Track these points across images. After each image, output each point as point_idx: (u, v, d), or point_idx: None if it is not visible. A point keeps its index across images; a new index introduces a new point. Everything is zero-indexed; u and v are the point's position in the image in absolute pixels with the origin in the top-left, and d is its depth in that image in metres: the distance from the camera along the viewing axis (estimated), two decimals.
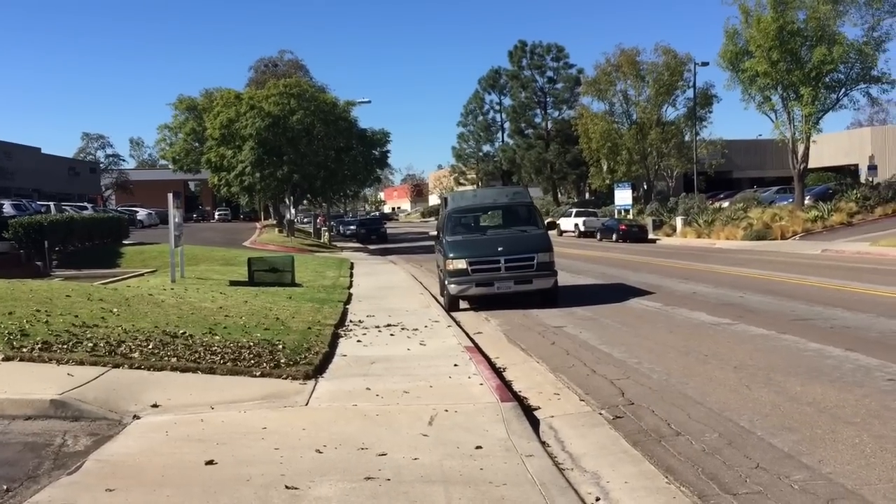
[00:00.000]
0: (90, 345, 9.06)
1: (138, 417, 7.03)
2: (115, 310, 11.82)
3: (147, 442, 6.32)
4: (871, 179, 49.51)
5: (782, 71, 38.10)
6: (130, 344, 9.35)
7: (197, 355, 9.11)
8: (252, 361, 8.97)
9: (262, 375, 8.54)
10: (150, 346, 9.31)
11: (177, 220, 19.73)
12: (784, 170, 49.77)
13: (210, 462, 5.75)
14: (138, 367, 8.49)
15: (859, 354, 9.54)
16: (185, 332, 10.37)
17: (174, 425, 6.76)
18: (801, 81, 38.06)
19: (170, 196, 19.43)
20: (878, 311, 13.21)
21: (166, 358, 8.88)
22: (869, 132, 73.86)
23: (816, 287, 17.41)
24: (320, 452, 6.03)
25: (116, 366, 8.42)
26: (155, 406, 7.33)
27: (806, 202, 41.92)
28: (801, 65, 38.05)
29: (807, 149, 40.65)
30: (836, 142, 67.73)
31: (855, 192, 41.71)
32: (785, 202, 44.75)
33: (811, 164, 44.45)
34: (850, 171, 65.08)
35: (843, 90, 39.78)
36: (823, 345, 10.30)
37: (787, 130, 40.78)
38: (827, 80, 38.75)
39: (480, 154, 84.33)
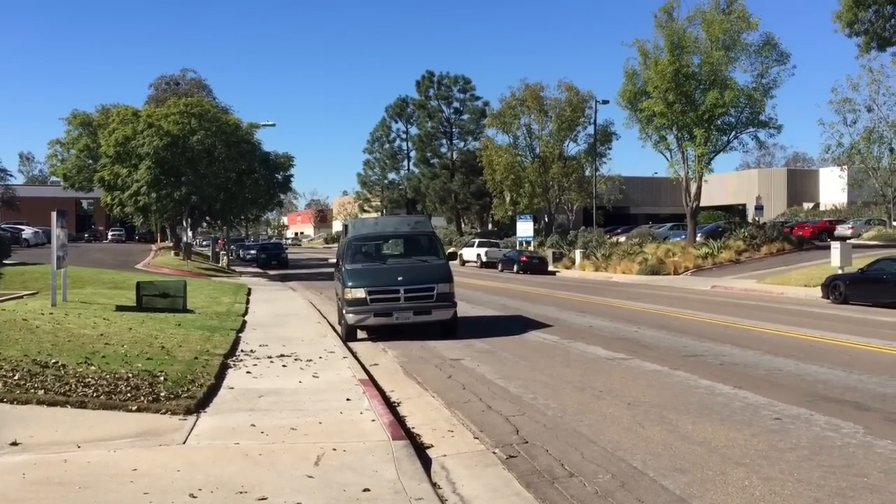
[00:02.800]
0: None
1: None
2: None
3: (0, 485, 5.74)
4: (757, 219, 51.83)
5: (677, 112, 39.47)
6: None
7: (68, 387, 8.47)
8: (129, 394, 8.40)
9: (139, 410, 8.00)
10: (16, 377, 8.62)
11: (61, 239, 18.69)
12: (678, 207, 51.60)
13: None
14: (0, 401, 7.82)
15: (747, 392, 9.72)
16: (57, 362, 9.67)
17: (33, 466, 6.19)
18: (695, 123, 39.51)
19: (53, 214, 18.40)
20: (765, 348, 13.60)
21: (33, 390, 8.22)
22: (756, 174, 77.80)
23: (707, 323, 17.89)
24: (194, 497, 5.61)
25: None
26: (14, 444, 6.74)
27: (698, 239, 43.40)
28: (695, 107, 39.52)
29: (699, 188, 42.15)
30: (726, 182, 70.94)
31: (743, 230, 43.45)
32: (678, 238, 46.25)
33: (703, 203, 46.19)
34: (738, 211, 68.11)
35: (734, 133, 41.48)
36: (714, 382, 10.47)
37: (681, 169, 42.21)
38: (719, 122, 40.33)
39: (386, 181, 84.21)
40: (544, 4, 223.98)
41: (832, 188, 63.63)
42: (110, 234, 77.78)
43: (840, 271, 25.95)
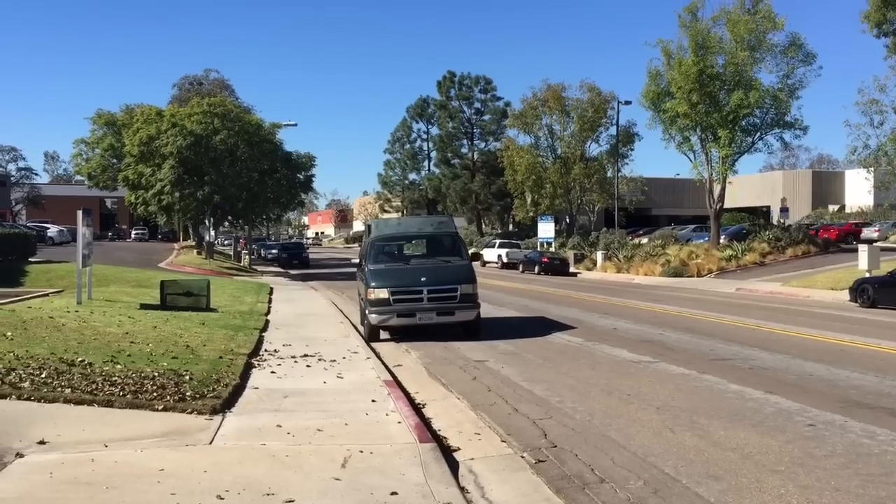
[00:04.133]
0: None
1: (21, 455, 6.39)
2: (9, 333, 11.03)
3: (27, 485, 5.71)
4: (783, 221, 51.32)
5: (701, 113, 39.15)
6: (21, 372, 8.65)
7: (94, 386, 8.47)
8: (155, 394, 8.38)
9: (165, 409, 7.97)
10: (43, 375, 8.63)
11: (87, 238, 18.79)
12: (701, 209, 51.17)
13: None
14: (27, 399, 7.84)
15: (779, 397, 9.54)
16: (83, 360, 9.69)
17: (61, 465, 6.16)
18: (719, 124, 39.16)
19: (79, 213, 18.52)
20: (793, 352, 13.39)
21: (60, 388, 8.23)
22: (781, 175, 77.03)
23: (733, 326, 17.66)
24: (221, 498, 5.55)
25: (2, 396, 7.76)
26: (42, 443, 6.71)
27: (721, 241, 43.01)
28: (719, 108, 39.17)
29: (723, 189, 41.77)
30: (751, 183, 70.31)
31: (767, 232, 43.02)
32: (701, 240, 45.86)
33: (727, 205, 45.71)
34: (762, 213, 67.46)
35: (758, 134, 41.07)
36: (743, 386, 10.30)
37: (704, 171, 41.86)
38: (743, 123, 39.93)
39: (406, 182, 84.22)
40: (567, 5, 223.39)
41: (858, 190, 62.82)
42: (134, 232, 78.46)
43: (868, 274, 25.58)
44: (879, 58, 45.66)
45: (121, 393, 8.30)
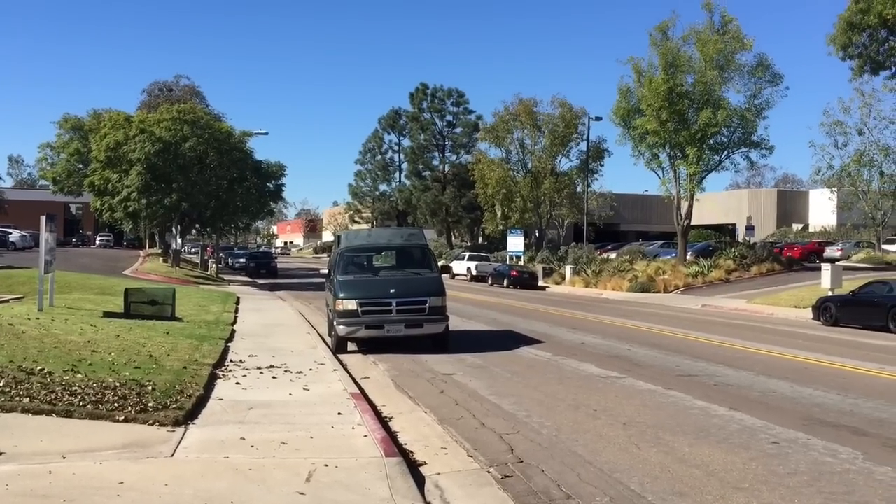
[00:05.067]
0: None
1: None
2: None
3: None
4: (748, 239, 52.00)
5: (670, 130, 39.60)
6: None
7: (54, 396, 8.29)
8: (116, 404, 8.22)
9: (126, 420, 7.82)
10: (1, 384, 8.43)
11: (50, 243, 18.48)
12: (669, 225, 51.66)
13: None
14: None
15: (743, 414, 9.62)
16: (43, 369, 9.48)
17: (17, 477, 6.00)
18: (688, 142, 39.63)
19: (42, 218, 18.21)
20: (758, 369, 13.53)
21: (18, 398, 8.04)
22: (747, 194, 78.13)
23: (699, 342, 17.82)
24: None
25: None
26: None
27: (688, 258, 43.47)
28: (687, 126, 39.66)
29: (690, 206, 42.25)
30: (717, 201, 71.20)
31: (733, 250, 43.57)
32: (668, 256, 46.29)
33: (694, 221, 46.25)
34: (728, 230, 68.39)
35: (726, 152, 41.63)
36: (709, 403, 10.37)
37: (672, 188, 42.35)
38: (711, 141, 40.46)
39: (377, 193, 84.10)
40: (540, 17, 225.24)
41: (822, 210, 63.94)
42: (98, 239, 77.18)
43: (830, 293, 25.97)
44: (845, 80, 46.65)
45: (81, 403, 8.13)
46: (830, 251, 48.14)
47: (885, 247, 48.53)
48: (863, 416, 9.58)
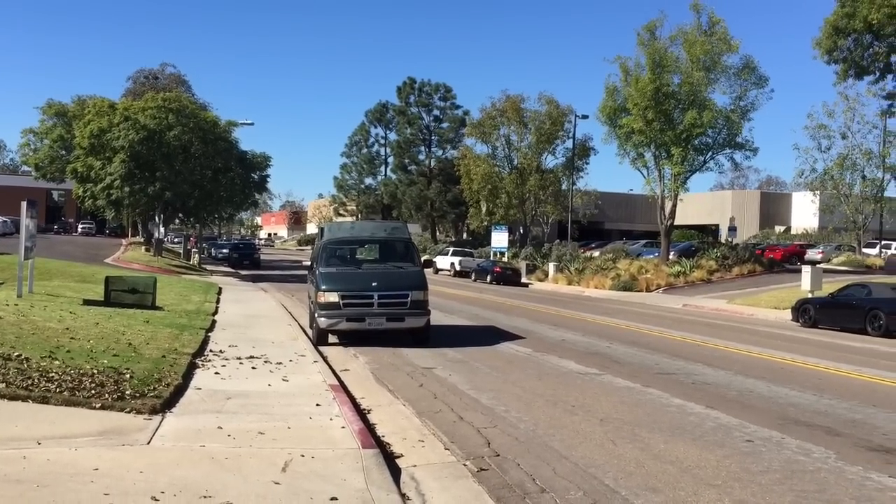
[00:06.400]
0: None
1: None
2: None
3: None
4: (730, 240, 52.34)
5: (656, 130, 39.75)
6: None
7: (30, 382, 8.25)
8: (93, 391, 8.19)
9: (103, 408, 7.79)
10: None
11: (30, 230, 18.34)
12: (652, 224, 51.98)
13: None
14: None
15: (719, 413, 9.70)
16: (20, 355, 9.43)
17: None
18: (673, 142, 39.80)
19: (23, 204, 18.09)
20: (736, 368, 13.64)
21: None
22: (730, 195, 78.64)
23: (679, 341, 17.94)
24: (156, 500, 5.44)
25: None
26: None
27: (671, 257, 43.69)
28: (673, 126, 39.83)
29: (674, 206, 42.46)
30: (701, 202, 71.64)
31: (715, 251, 43.85)
32: (651, 256, 46.51)
33: (677, 221, 46.48)
34: (711, 230, 68.76)
35: (710, 153, 41.84)
36: (685, 401, 10.45)
37: (657, 187, 42.51)
38: (696, 142, 40.66)
39: (362, 186, 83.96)
40: (530, 15, 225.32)
41: (804, 212, 64.43)
42: (80, 226, 76.63)
43: (810, 295, 26.20)
44: (829, 84, 46.93)
45: (57, 389, 8.09)
46: (811, 254, 48.53)
47: (865, 250, 48.99)
48: (837, 417, 9.69)
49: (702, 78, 39.22)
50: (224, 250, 59.29)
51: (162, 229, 50.54)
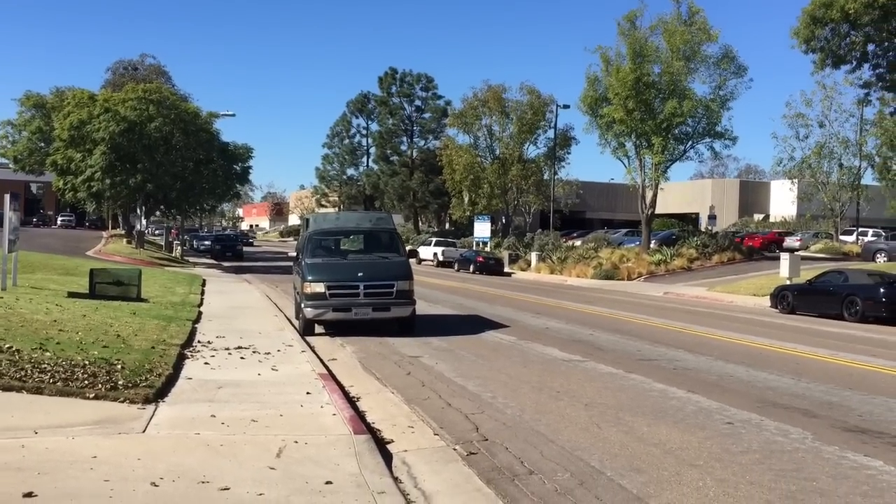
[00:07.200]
0: None
1: None
2: None
3: None
4: (710, 228, 52.83)
5: (636, 120, 40.04)
6: None
7: (23, 373, 8.34)
8: (86, 382, 8.30)
9: (97, 398, 7.91)
10: None
11: (14, 222, 18.28)
12: (633, 213, 52.36)
13: (29, 494, 5.19)
14: None
15: (700, 396, 9.95)
16: (11, 347, 9.51)
17: None
18: (653, 131, 40.12)
19: (6, 197, 18.01)
20: (716, 354, 13.92)
21: None
22: (710, 184, 79.25)
23: (660, 328, 18.22)
24: (156, 485, 5.58)
25: None
26: None
27: (651, 246, 44.08)
28: (653, 115, 40.14)
29: (654, 195, 42.81)
30: (681, 191, 72.17)
31: (696, 239, 44.28)
32: (632, 244, 46.91)
33: (658, 210, 46.88)
34: (691, 219, 69.33)
35: (690, 142, 42.21)
36: (667, 385, 10.70)
37: (637, 176, 42.86)
38: (676, 131, 41.01)
39: (344, 177, 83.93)
40: (511, 4, 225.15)
41: (782, 201, 65.10)
42: (60, 219, 75.94)
43: (788, 282, 26.59)
44: (807, 73, 47.40)
45: (51, 380, 8.19)
46: (790, 241, 49.08)
47: (842, 237, 49.66)
48: (814, 399, 9.97)
49: (682, 67, 39.53)
50: (206, 242, 59.12)
51: (143, 221, 50.31)
